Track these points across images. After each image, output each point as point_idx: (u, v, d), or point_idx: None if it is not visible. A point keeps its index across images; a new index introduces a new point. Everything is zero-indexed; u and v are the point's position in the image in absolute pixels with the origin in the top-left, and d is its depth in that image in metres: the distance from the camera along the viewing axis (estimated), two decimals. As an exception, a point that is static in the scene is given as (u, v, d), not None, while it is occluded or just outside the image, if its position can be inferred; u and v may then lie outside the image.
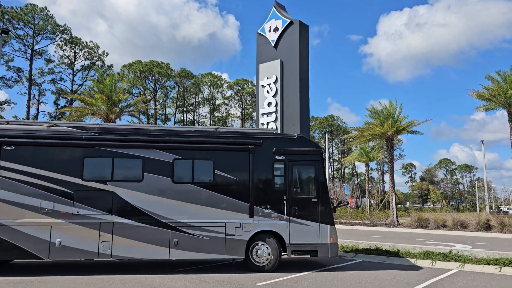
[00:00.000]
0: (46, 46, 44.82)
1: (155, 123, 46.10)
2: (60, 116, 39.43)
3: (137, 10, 77.76)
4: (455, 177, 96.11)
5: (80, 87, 43.64)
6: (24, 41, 39.30)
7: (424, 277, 7.44)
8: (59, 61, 42.56)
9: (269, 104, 16.08)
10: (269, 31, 16.40)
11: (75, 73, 44.28)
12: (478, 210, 46.72)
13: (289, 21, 15.87)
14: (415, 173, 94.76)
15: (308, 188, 8.53)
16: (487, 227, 18.36)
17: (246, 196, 8.00)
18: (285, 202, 8.09)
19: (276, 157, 8.24)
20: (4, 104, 41.01)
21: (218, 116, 58.12)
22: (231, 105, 56.75)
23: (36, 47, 40.35)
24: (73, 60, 43.58)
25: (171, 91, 52.96)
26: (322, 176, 8.41)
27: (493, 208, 51.36)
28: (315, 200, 8.26)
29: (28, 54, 39.63)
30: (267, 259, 7.90)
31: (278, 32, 15.97)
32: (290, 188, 8.23)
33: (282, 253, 8.04)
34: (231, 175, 8.09)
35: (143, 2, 78.50)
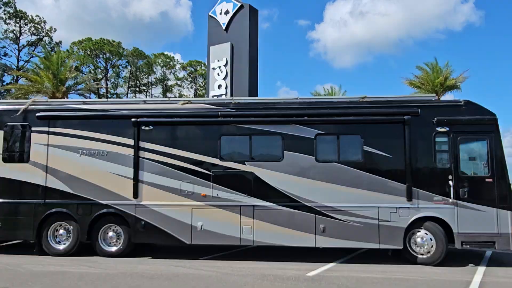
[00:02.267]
0: None
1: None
2: (5, 94, 36.55)
3: None
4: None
5: (26, 63, 42.19)
6: None
7: None
8: (2, 35, 40.79)
9: (219, 86, 16.66)
10: (220, 13, 16.95)
11: (20, 48, 42.68)
12: None
13: (239, 4, 16.50)
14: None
15: (481, 165, 7.00)
16: None
17: (402, 176, 6.85)
18: (451, 182, 6.74)
19: (438, 128, 6.85)
20: None
21: (170, 97, 54.00)
22: (183, 86, 56.58)
23: None
24: (18, 35, 41.88)
25: (123, 71, 52.38)
26: (498, 150, 6.81)
27: None
28: (490, 179, 6.75)
29: None
30: (430, 250, 6.71)
31: (229, 15, 16.60)
32: (457, 165, 6.82)
33: (450, 245, 6.73)
34: (384, 152, 6.96)
35: None
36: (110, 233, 7.34)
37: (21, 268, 6.43)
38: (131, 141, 7.33)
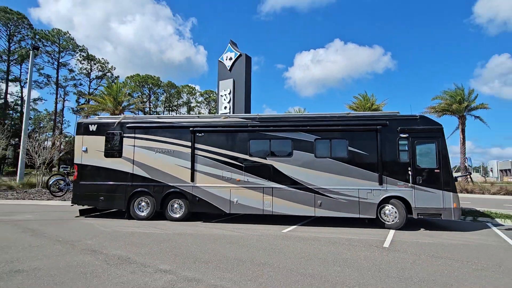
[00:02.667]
0: (69, 60, 62.35)
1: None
2: (80, 110, 51.39)
3: (135, 38, 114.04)
4: None
5: (95, 90, 59.82)
6: (52, 55, 54.78)
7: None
8: (79, 71, 59.14)
9: (225, 107, 23.22)
10: (226, 59, 23.82)
11: (91, 80, 61.55)
12: None
13: (239, 53, 23.36)
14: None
15: (431, 160, 9.65)
16: None
17: (375, 167, 9.70)
18: (410, 172, 9.54)
19: (401, 135, 9.70)
20: (37, 100, 60.30)
21: (192, 113, 77.37)
22: (201, 107, 79.97)
23: (61, 60, 55.92)
24: (89, 71, 60.79)
25: (161, 96, 75.31)
26: (444, 149, 9.53)
27: None
28: (438, 170, 9.48)
29: (55, 65, 55.75)
30: (394, 217, 9.59)
31: (232, 61, 23.47)
32: (414, 160, 9.61)
33: (409, 215, 9.59)
34: (362, 151, 9.84)
35: (139, 33, 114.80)
36: (175, 205, 10.71)
37: (108, 228, 9.22)
38: (189, 143, 10.63)
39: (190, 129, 10.66)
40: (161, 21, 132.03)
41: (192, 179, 10.52)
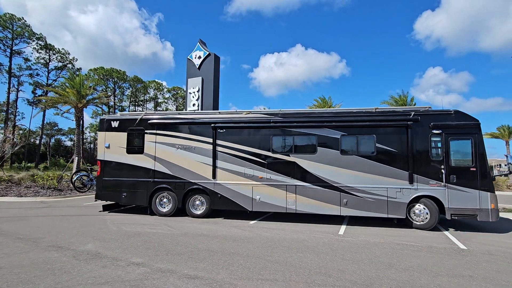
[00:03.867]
0: (24, 48, 57.98)
1: (114, 113, 55.82)
2: (37, 102, 49.85)
3: (97, 29, 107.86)
4: None
5: (54, 81, 56.21)
6: (4, 41, 50.47)
7: None
8: (35, 61, 54.92)
9: (194, 104, 23.46)
10: (195, 58, 24.00)
11: (49, 71, 57.29)
12: None
13: (208, 53, 23.70)
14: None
15: (466, 158, 9.09)
16: None
17: (406, 165, 9.22)
18: (443, 170, 9.01)
19: (434, 131, 9.15)
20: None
21: (160, 109, 76.44)
22: (169, 103, 79.79)
23: (14, 47, 51.80)
24: (47, 61, 56.54)
25: (126, 90, 73.33)
26: (481, 146, 8.89)
27: None
28: (474, 169, 8.88)
29: (7, 52, 51.53)
30: (425, 218, 9.10)
31: (201, 59, 23.77)
32: (448, 158, 9.06)
33: (441, 215, 9.07)
34: (391, 147, 9.36)
35: (101, 24, 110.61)
36: (197, 202, 10.63)
37: (124, 226, 9.81)
38: (210, 140, 10.46)
39: (212, 125, 10.48)
40: (125, 13, 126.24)
41: (214, 176, 10.37)
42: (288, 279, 4.99)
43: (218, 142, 10.45)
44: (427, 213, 9.10)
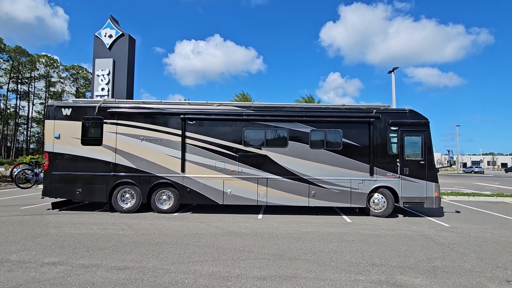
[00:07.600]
0: None
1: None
2: None
3: None
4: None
5: None
6: None
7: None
8: None
9: (103, 89, 21.42)
10: (105, 36, 21.70)
11: None
12: None
13: (121, 33, 21.64)
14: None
15: (417, 153, 10.24)
16: None
17: (367, 159, 10.03)
18: (398, 164, 10.03)
19: (391, 127, 10.09)
20: None
21: (54, 91, 69.79)
22: (66, 84, 70.60)
23: None
24: None
25: (4, 63, 61.48)
26: (429, 142, 10.10)
27: None
28: (423, 162, 10.07)
29: None
30: (382, 206, 10.08)
31: (112, 39, 21.59)
32: (402, 152, 10.10)
33: (395, 204, 10.15)
34: (355, 142, 10.08)
35: None
36: (164, 196, 10.11)
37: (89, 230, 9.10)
38: (179, 132, 9.99)
39: (181, 116, 10.00)
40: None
41: (183, 170, 9.98)
42: (217, 259, 5.57)
43: (188, 134, 10.04)
44: (384, 202, 10.08)
